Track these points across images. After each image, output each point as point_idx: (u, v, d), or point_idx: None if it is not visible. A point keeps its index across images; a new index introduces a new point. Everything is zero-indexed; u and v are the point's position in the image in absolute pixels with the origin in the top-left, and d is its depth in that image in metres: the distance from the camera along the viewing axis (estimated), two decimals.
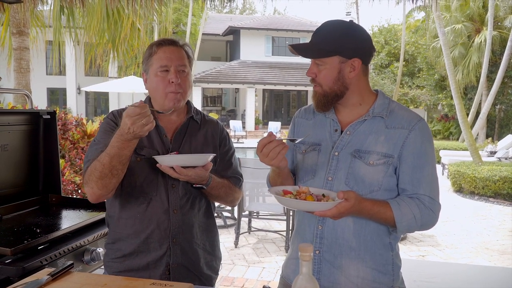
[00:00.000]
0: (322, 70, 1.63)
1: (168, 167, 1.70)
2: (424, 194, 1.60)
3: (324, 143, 1.72)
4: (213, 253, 2.02)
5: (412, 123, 1.63)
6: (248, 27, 29.32)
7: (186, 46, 1.95)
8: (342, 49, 1.61)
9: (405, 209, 1.56)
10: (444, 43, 12.24)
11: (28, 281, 1.48)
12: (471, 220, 7.79)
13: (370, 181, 1.61)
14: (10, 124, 2.66)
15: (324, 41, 1.62)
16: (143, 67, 1.94)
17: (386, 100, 1.71)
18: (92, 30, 6.93)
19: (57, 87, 27.60)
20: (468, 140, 11.39)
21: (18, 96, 6.72)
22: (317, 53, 1.63)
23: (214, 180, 1.86)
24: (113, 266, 1.90)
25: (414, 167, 1.61)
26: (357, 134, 1.67)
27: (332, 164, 1.67)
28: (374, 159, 1.62)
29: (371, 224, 1.64)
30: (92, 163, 1.76)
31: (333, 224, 1.65)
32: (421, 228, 1.61)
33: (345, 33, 1.62)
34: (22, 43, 6.81)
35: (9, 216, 2.47)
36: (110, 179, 1.72)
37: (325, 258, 1.67)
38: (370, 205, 1.54)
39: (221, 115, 30.29)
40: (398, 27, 31.24)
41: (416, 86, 27.77)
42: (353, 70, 1.63)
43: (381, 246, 1.67)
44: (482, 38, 20.15)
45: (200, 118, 2.03)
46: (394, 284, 1.68)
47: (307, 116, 1.84)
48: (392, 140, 1.62)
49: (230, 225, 6.64)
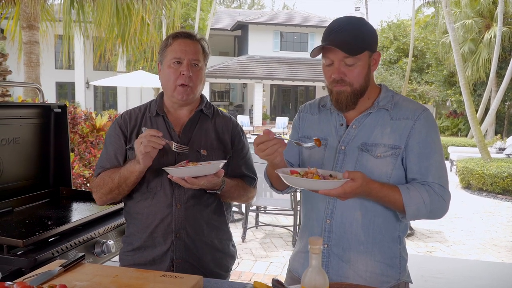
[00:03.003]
0: (355, 68, 1.61)
1: (179, 178, 1.70)
2: (433, 182, 1.60)
3: (330, 138, 1.73)
4: (223, 251, 2.00)
5: (417, 113, 1.64)
6: (257, 22, 29.20)
7: (203, 40, 1.95)
8: (370, 43, 1.63)
9: (414, 193, 1.56)
10: (454, 38, 12.14)
11: (40, 272, 1.50)
12: (479, 217, 7.76)
13: (379, 174, 1.61)
14: (22, 117, 2.69)
15: (355, 38, 1.60)
16: (158, 57, 1.96)
17: (389, 93, 1.72)
18: (102, 25, 6.95)
19: (66, 81, 27.69)
20: (476, 137, 11.31)
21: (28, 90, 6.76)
22: (354, 50, 1.59)
23: (227, 184, 1.84)
24: (126, 259, 1.94)
25: (420, 156, 1.61)
26: (363, 127, 1.67)
27: (338, 159, 1.68)
28: (381, 151, 1.62)
29: (380, 217, 1.65)
30: (102, 175, 1.87)
31: (341, 218, 1.66)
32: (430, 214, 1.60)
33: (367, 28, 1.64)
34: (32, 37, 6.84)
35: (21, 209, 2.50)
36: (117, 194, 1.85)
37: (333, 252, 1.68)
38: (378, 187, 1.54)
39: (228, 110, 30.24)
40: (407, 22, 31.01)
41: (425, 82, 27.57)
42: (375, 63, 1.66)
43: (389, 239, 1.68)
44: (492, 34, 19.97)
45: (212, 112, 2.00)
46: (400, 277, 1.69)
47: (312, 111, 1.85)
48: (398, 131, 1.63)
49: (237, 220, 6.68)
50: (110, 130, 1.96)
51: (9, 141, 2.59)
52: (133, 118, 1.96)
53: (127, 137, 1.92)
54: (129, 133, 1.92)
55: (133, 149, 1.82)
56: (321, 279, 1.15)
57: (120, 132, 1.92)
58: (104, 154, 1.94)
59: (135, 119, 1.95)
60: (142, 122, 1.93)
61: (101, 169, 1.91)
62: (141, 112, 1.98)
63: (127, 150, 1.91)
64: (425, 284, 2.87)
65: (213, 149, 1.91)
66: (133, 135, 1.91)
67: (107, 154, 1.93)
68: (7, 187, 2.56)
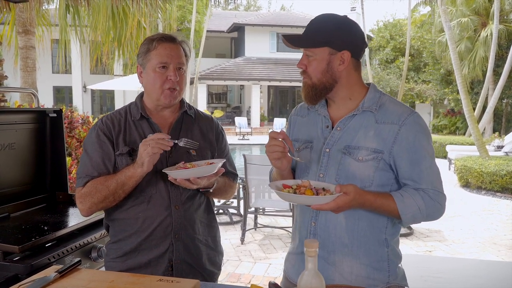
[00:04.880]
0: (312, 61, 1.63)
1: (183, 179, 1.73)
2: (427, 188, 1.58)
3: (316, 140, 1.72)
4: (215, 249, 2.04)
5: (402, 118, 1.61)
6: (253, 24, 29.25)
7: (184, 43, 1.95)
8: (332, 40, 1.60)
9: (408, 200, 1.55)
10: (450, 37, 12.16)
11: (36, 278, 1.49)
12: (478, 215, 7.76)
13: (361, 177, 1.60)
14: (17, 122, 2.68)
15: (316, 32, 1.62)
16: (138, 60, 1.92)
17: (377, 93, 1.69)
18: (98, 29, 6.96)
19: (63, 86, 27.67)
20: (474, 135, 11.33)
21: (25, 95, 6.76)
22: (308, 43, 1.62)
23: (218, 182, 1.90)
24: (114, 266, 1.89)
25: (411, 163, 1.59)
26: (347, 129, 1.65)
27: (323, 161, 1.66)
28: (363, 155, 1.60)
29: (364, 220, 1.63)
30: (93, 183, 1.80)
31: (326, 221, 1.65)
32: (427, 219, 1.60)
33: (337, 25, 1.62)
34: (28, 42, 6.84)
35: (17, 214, 2.49)
36: (111, 202, 1.80)
37: (319, 255, 1.66)
38: (372, 198, 1.53)
39: (226, 112, 30.26)
40: (404, 21, 31.08)
41: (422, 81, 27.61)
42: (343, 63, 1.62)
43: (375, 242, 1.65)
44: (488, 32, 20.01)
45: (194, 113, 2.03)
46: (390, 280, 1.66)
47: (302, 113, 1.84)
48: (381, 135, 1.60)
49: (236, 222, 6.65)
50: (92, 137, 1.89)
51: (5, 147, 2.58)
52: (116, 123, 1.91)
53: (113, 143, 1.87)
54: (114, 138, 1.87)
55: (122, 155, 1.83)
56: (318, 282, 1.14)
57: (105, 137, 1.86)
58: (88, 162, 1.85)
59: (118, 124, 1.91)
60: (127, 127, 1.90)
61: (88, 178, 1.83)
62: (122, 116, 1.93)
63: (116, 157, 1.85)
64: (424, 284, 2.86)
65: (201, 148, 1.93)
66: (120, 141, 1.86)
67: (91, 161, 1.84)
68: (3, 192, 2.55)
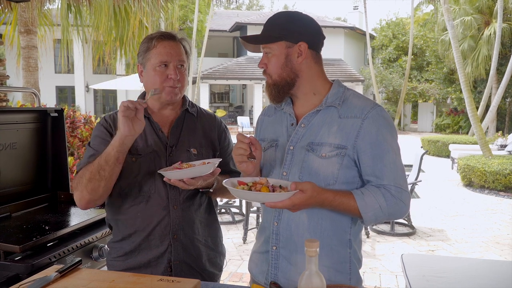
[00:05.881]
0: (271, 58, 1.61)
1: (177, 180, 1.69)
2: (389, 184, 1.53)
3: (281, 139, 1.69)
4: (216, 249, 2.01)
5: (364, 111, 1.57)
6: (255, 23, 29.20)
7: (184, 40, 1.93)
8: (287, 33, 1.59)
9: (369, 198, 1.50)
10: (453, 36, 12.12)
11: (37, 278, 1.49)
12: (481, 214, 7.73)
13: (325, 175, 1.56)
14: (19, 122, 2.68)
15: (271, 27, 1.62)
16: (139, 59, 1.91)
17: (341, 88, 1.66)
18: (100, 28, 6.96)
19: (66, 85, 27.74)
20: (477, 134, 11.28)
21: (27, 95, 6.77)
22: (264, 39, 1.62)
23: (218, 182, 1.85)
24: (115, 265, 1.90)
25: (373, 158, 1.54)
26: (311, 126, 1.62)
27: (286, 159, 1.63)
28: (326, 151, 1.56)
29: (327, 221, 1.59)
30: (84, 167, 1.76)
31: (288, 220, 1.62)
32: (389, 218, 1.55)
33: (290, 19, 1.62)
34: (30, 42, 6.85)
35: (18, 214, 2.49)
36: (99, 181, 1.71)
37: (282, 254, 1.64)
38: (331, 196, 1.48)
39: (228, 111, 30.27)
40: (406, 20, 31.03)
41: (424, 80, 27.59)
42: (301, 54, 1.60)
43: (338, 243, 1.61)
44: (491, 30, 19.97)
45: (196, 111, 2.01)
46: (350, 283, 1.62)
47: (269, 113, 1.82)
48: (344, 130, 1.57)
49: (238, 221, 6.65)
50: (96, 132, 1.89)
51: (6, 146, 2.58)
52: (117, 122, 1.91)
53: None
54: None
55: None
56: (318, 282, 1.11)
57: (108, 134, 1.86)
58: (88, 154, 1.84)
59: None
60: None
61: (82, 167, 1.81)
62: None
63: None
64: (427, 283, 2.85)
65: (202, 147, 1.92)
66: None
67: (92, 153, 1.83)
68: (5, 192, 2.55)
